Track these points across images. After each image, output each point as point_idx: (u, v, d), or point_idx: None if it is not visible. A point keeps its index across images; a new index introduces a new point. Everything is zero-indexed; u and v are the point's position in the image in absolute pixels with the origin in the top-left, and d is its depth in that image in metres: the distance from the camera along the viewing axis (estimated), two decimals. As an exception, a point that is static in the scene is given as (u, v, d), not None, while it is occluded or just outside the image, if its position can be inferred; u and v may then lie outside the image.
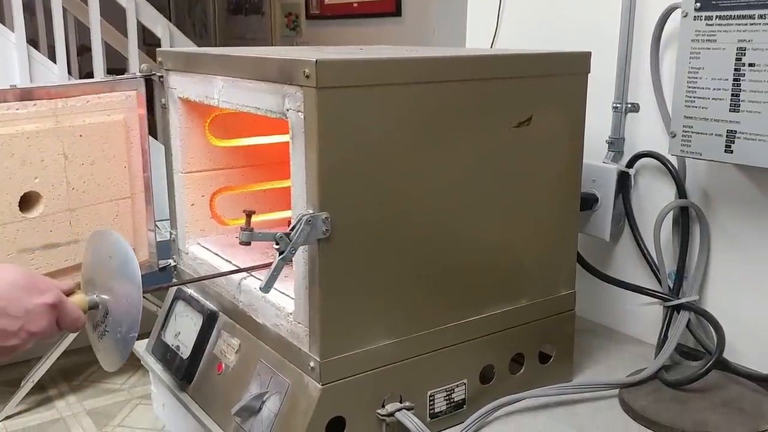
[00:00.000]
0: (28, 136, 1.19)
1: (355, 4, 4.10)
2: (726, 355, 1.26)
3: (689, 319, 1.33)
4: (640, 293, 1.42)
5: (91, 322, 1.08)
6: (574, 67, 1.22)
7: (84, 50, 3.93)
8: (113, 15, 3.41)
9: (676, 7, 1.30)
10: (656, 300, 1.39)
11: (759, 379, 1.27)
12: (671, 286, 1.38)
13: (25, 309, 0.92)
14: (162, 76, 1.34)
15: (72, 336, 3.05)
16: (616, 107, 1.45)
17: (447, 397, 1.17)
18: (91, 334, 1.10)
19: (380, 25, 3.95)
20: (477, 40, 1.78)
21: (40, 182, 1.22)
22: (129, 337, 1.02)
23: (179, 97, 1.30)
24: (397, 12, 3.83)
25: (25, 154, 1.20)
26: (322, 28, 4.46)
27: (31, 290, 0.94)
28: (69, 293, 1.02)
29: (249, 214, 1.00)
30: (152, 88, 1.39)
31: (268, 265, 1.18)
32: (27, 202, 1.22)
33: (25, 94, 1.18)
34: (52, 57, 3.16)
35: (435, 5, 3.58)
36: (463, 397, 1.18)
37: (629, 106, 1.45)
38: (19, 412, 2.96)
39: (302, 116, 0.99)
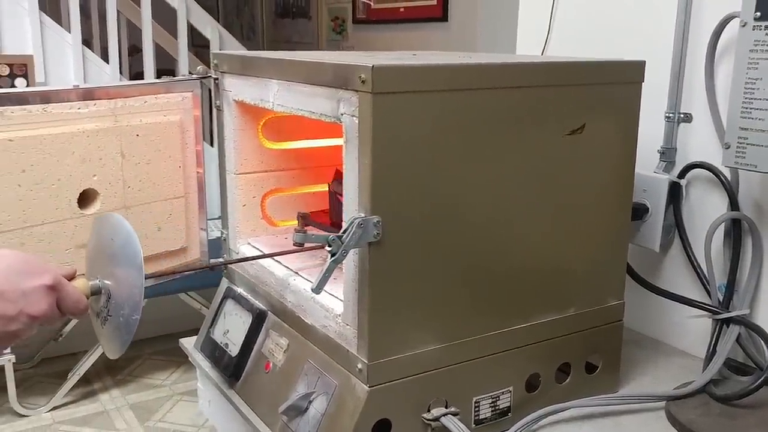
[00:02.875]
0: (88, 135, 1.23)
1: (402, 9, 4.11)
2: (778, 371, 1.24)
3: (739, 333, 1.31)
4: (689, 305, 1.40)
5: (95, 308, 1.05)
6: (628, 76, 1.21)
7: (134, 51, 4.01)
8: (163, 17, 3.48)
9: (734, 16, 1.28)
10: (705, 313, 1.37)
11: (811, 397, 1.25)
12: (721, 299, 1.36)
13: (22, 291, 0.90)
14: (217, 79, 1.36)
15: (117, 331, 3.10)
16: (669, 117, 1.44)
17: (492, 404, 1.17)
18: (94, 321, 1.07)
19: (426, 30, 3.95)
20: (528, 47, 1.77)
21: (97, 180, 1.26)
22: (131, 320, 0.99)
23: (234, 100, 1.33)
24: (443, 17, 3.83)
25: (85, 152, 1.23)
26: (368, 33, 4.48)
27: (28, 273, 0.92)
28: (71, 278, 0.99)
29: (303, 216, 1.02)
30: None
31: (287, 252, 1.22)
32: (85, 199, 1.25)
33: (87, 94, 1.22)
34: (105, 57, 3.23)
35: (481, 11, 3.58)
36: (508, 404, 1.18)
37: (682, 116, 1.43)
38: (66, 404, 3.03)
39: (356, 121, 1.00)
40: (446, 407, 1.12)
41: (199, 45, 4.06)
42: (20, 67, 2.87)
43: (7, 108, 1.12)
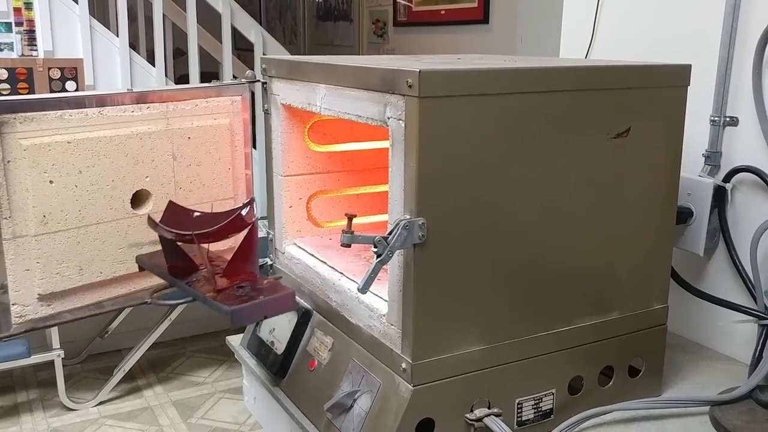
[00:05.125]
0: (141, 137, 1.27)
1: (443, 12, 4.12)
2: (825, 377, 1.23)
3: (786, 339, 1.30)
4: (734, 310, 1.39)
5: None
6: (673, 80, 1.21)
7: (178, 54, 4.08)
8: (208, 20, 3.53)
9: (782, 20, 1.27)
10: (751, 318, 1.36)
11: None
12: (767, 305, 1.35)
13: None
14: (266, 83, 1.39)
15: (161, 329, 3.17)
16: (714, 120, 1.43)
17: (535, 406, 1.18)
18: None
19: (467, 32, 3.95)
20: (572, 50, 1.77)
21: (150, 181, 1.29)
22: None
23: (282, 104, 1.35)
24: (484, 20, 3.83)
25: (138, 154, 1.27)
26: (408, 35, 4.50)
27: None
28: None
29: (350, 218, 1.03)
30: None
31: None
32: (138, 199, 1.29)
33: (140, 98, 1.26)
34: (150, 60, 3.30)
35: (523, 13, 3.56)
36: (551, 406, 1.19)
37: (728, 119, 1.42)
38: (111, 399, 3.10)
39: (403, 124, 1.02)
40: (489, 408, 1.13)
41: (242, 48, 4.12)
42: (71, 71, 2.95)
43: (66, 111, 1.17)
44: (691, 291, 1.44)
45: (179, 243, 1.19)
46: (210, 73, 3.63)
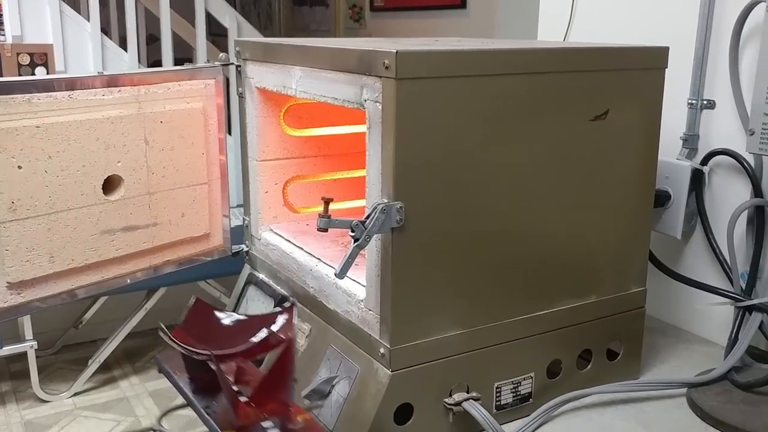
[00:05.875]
0: (113, 121, 1.24)
1: (420, -4, 4.10)
2: (801, 358, 1.24)
3: (762, 321, 1.30)
4: (712, 293, 1.39)
5: None
6: (651, 62, 1.20)
7: (152, 40, 4.02)
8: (180, 5, 3.48)
9: (759, 2, 1.27)
10: (727, 300, 1.36)
11: (835, 385, 1.24)
12: (743, 287, 1.35)
13: None
14: (240, 66, 1.37)
15: (137, 319, 3.14)
16: (692, 103, 1.43)
17: (513, 390, 1.17)
18: None
19: (445, 17, 3.94)
20: (549, 34, 1.76)
21: (122, 166, 1.27)
22: None
23: (256, 87, 1.33)
24: (462, 4, 3.81)
25: (109, 139, 1.24)
26: (385, 21, 4.47)
27: None
28: None
29: (327, 202, 1.02)
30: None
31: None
32: (109, 185, 1.27)
33: (111, 81, 1.23)
34: (123, 46, 3.25)
35: (500, -2, 3.55)
36: (529, 390, 1.19)
37: (705, 102, 1.42)
38: (87, 390, 3.06)
39: (380, 107, 1.00)
40: (468, 392, 1.12)
41: (216, 34, 4.06)
42: (41, 56, 2.89)
43: (34, 95, 1.14)
44: (668, 274, 1.45)
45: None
46: (184, 59, 3.56)
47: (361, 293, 1.12)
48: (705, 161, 1.42)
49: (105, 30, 3.44)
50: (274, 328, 1.02)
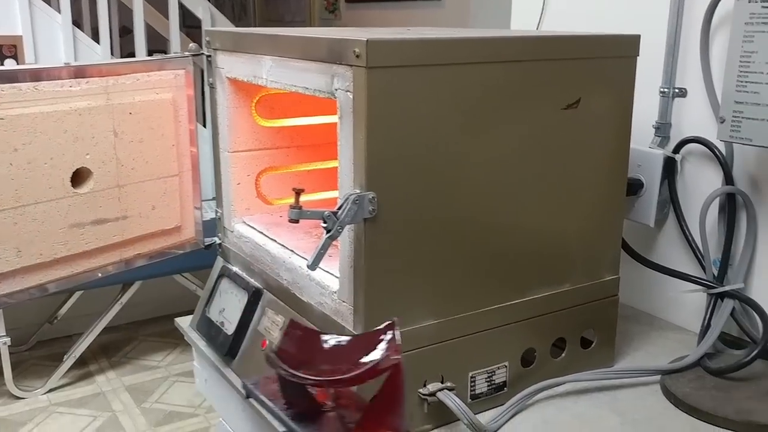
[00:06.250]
0: (81, 113, 1.22)
1: (395, -12, 4.08)
2: (771, 344, 1.25)
3: (734, 308, 1.32)
4: (684, 280, 1.40)
5: None
6: (622, 50, 1.20)
7: (125, 32, 3.98)
8: (155, -3, 3.44)
9: (729, -10, 1.27)
10: (700, 287, 1.38)
11: (805, 369, 1.26)
12: (715, 274, 1.37)
13: None
14: (210, 56, 1.35)
15: (112, 313, 3.11)
16: (664, 92, 1.43)
17: (488, 379, 1.18)
18: None
19: (420, 8, 3.93)
20: (522, 24, 1.76)
21: (90, 158, 1.25)
22: None
23: (227, 77, 1.32)
24: (437, -5, 3.81)
25: (78, 131, 1.22)
26: (360, 11, 4.45)
27: None
28: None
29: (298, 192, 1.01)
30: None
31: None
32: (78, 177, 1.25)
33: (78, 72, 1.21)
34: (95, 38, 3.21)
35: (475, -11, 3.55)
36: (504, 379, 1.19)
37: (677, 90, 1.43)
38: (62, 386, 3.04)
39: (351, 96, 0.99)
40: (442, 382, 1.12)
41: (190, 26, 4.03)
42: (10, 48, 2.85)
43: (-3, 86, 1.11)
44: (642, 262, 1.46)
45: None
46: (158, 51, 3.54)
47: (334, 285, 1.11)
48: (677, 149, 1.43)
49: (77, 22, 3.39)
50: (381, 348, 0.94)
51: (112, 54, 3.28)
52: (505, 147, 1.11)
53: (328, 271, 1.15)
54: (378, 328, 0.96)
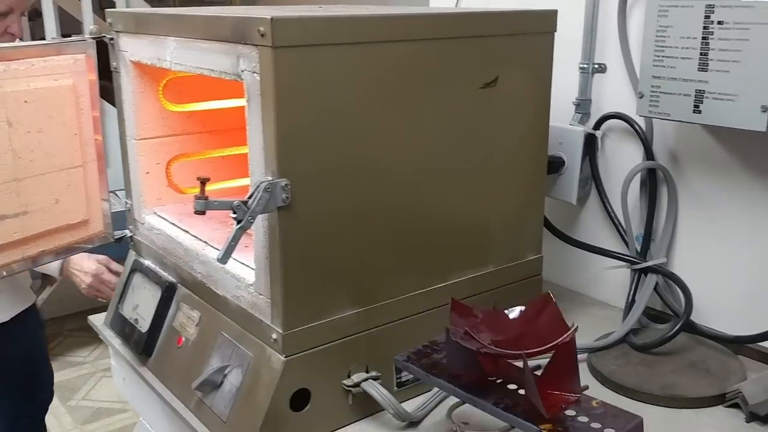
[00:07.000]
0: (-31, 103, 1.13)
1: (317, -34, 4.00)
2: (693, 317, 1.26)
3: (657, 282, 1.32)
4: (607, 257, 1.40)
5: None
6: (539, 26, 1.18)
7: (35, 15, 3.78)
8: (66, -23, 3.28)
9: (644, -36, 1.26)
10: (623, 263, 1.38)
11: (725, 341, 1.27)
12: (638, 249, 1.37)
13: None
14: (112, 39, 1.27)
15: (32, 309, 2.98)
16: (583, 68, 1.42)
17: (414, 366, 1.15)
18: None
19: (343, -13, 3.86)
20: (441, 2, 1.73)
21: (-17, 151, 1.16)
22: None
23: (131, 60, 1.24)
24: (359, -27, 3.74)
25: (-33, 122, 1.13)
26: (283, -9, 4.35)
27: None
28: None
29: (203, 182, 0.95)
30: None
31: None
32: (-30, 172, 1.16)
33: (-36, 58, 1.12)
34: (2, 21, 3.03)
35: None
36: (430, 365, 1.16)
37: (596, 66, 1.42)
38: (-21, 388, 2.89)
39: (258, 77, 0.94)
40: (367, 372, 1.09)
41: (108, 8, 3.87)
42: None
43: None
44: (564, 240, 1.45)
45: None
46: (72, 36, 3.38)
47: (250, 277, 1.06)
48: (597, 125, 1.42)
49: (-20, 4, 3.21)
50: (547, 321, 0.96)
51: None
52: (424, 127, 1.08)
53: (244, 263, 1.10)
54: (533, 300, 1.00)
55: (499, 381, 0.97)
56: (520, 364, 0.93)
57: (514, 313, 1.01)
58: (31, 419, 1.91)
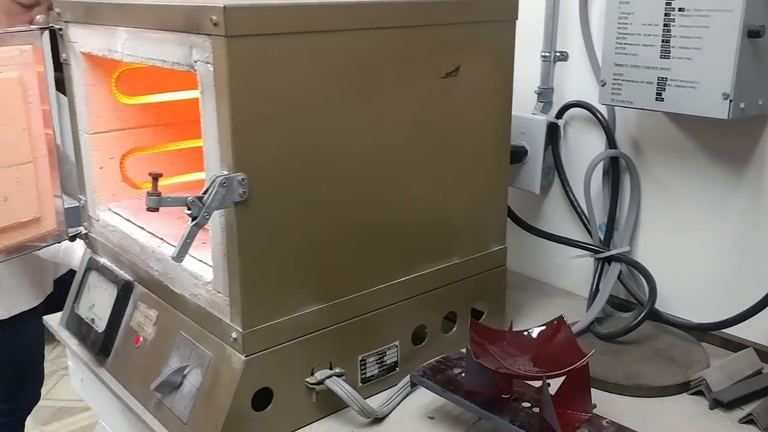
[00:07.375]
0: None
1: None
2: (657, 305, 1.26)
3: (620, 271, 1.32)
4: (571, 246, 1.40)
5: None
6: (500, 13, 1.16)
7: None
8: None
9: (605, -50, 1.25)
10: (587, 252, 1.37)
11: (689, 328, 1.28)
12: (602, 238, 1.37)
13: None
14: (61, 29, 1.23)
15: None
16: (545, 56, 1.41)
17: (379, 361, 1.13)
18: None
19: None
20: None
21: (-76, 148, 1.11)
22: None
23: (81, 52, 1.20)
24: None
25: None
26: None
27: None
28: None
29: (156, 177, 0.92)
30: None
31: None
32: None
33: None
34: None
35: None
36: (395, 359, 1.15)
37: (558, 54, 1.41)
38: (-66, 389, 2.82)
39: (211, 68, 0.91)
40: (331, 369, 1.07)
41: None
42: None
43: None
44: (528, 229, 1.44)
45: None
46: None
47: (208, 275, 1.03)
48: (560, 114, 1.41)
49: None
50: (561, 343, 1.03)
51: None
52: (384, 119, 1.05)
53: (201, 261, 1.07)
54: (550, 321, 1.07)
55: (513, 398, 1.00)
56: (536, 383, 0.98)
57: (533, 333, 1.07)
58: (9, 419, 1.89)
